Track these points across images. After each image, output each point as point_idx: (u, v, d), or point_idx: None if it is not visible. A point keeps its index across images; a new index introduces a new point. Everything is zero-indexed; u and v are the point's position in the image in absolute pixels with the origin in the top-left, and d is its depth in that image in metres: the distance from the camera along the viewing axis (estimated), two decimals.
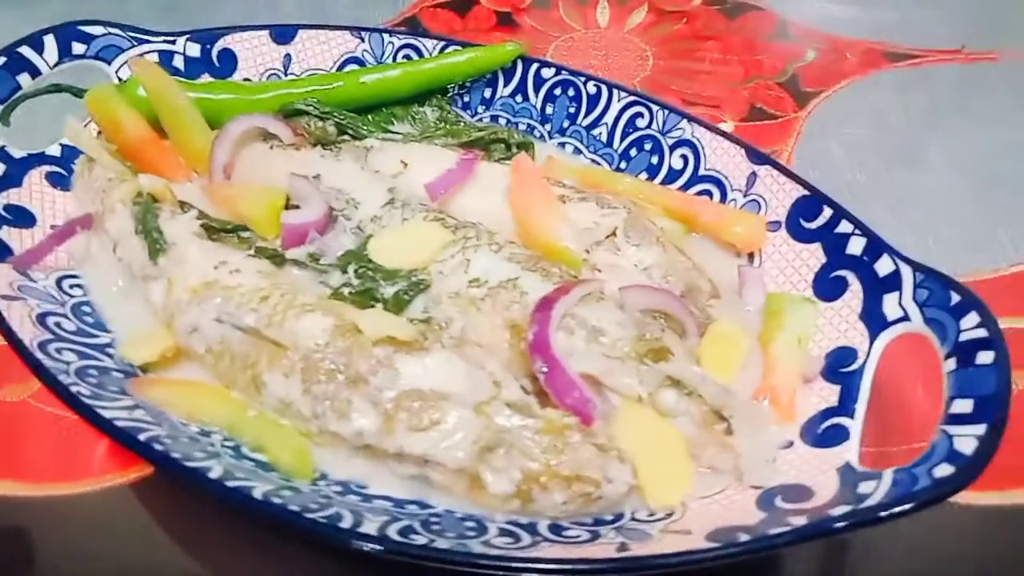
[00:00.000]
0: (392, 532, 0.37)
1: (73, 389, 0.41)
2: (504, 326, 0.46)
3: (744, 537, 0.36)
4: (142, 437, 0.39)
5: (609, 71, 0.79)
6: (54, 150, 0.56)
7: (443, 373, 0.42)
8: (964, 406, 0.39)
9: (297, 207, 0.52)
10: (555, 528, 0.40)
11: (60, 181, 0.56)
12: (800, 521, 0.36)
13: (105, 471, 0.48)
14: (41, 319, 0.46)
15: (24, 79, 0.56)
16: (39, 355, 0.42)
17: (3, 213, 0.51)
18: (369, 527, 0.37)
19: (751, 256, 0.54)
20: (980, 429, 0.37)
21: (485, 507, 0.41)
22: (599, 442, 0.41)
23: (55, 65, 0.58)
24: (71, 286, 0.51)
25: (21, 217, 0.52)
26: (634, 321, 0.46)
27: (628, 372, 0.43)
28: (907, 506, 0.34)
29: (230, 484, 0.38)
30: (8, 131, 0.55)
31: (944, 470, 0.36)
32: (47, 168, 0.55)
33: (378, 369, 0.41)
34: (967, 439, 0.37)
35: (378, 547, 0.36)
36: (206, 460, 0.39)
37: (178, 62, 0.62)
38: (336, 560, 0.43)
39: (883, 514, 0.35)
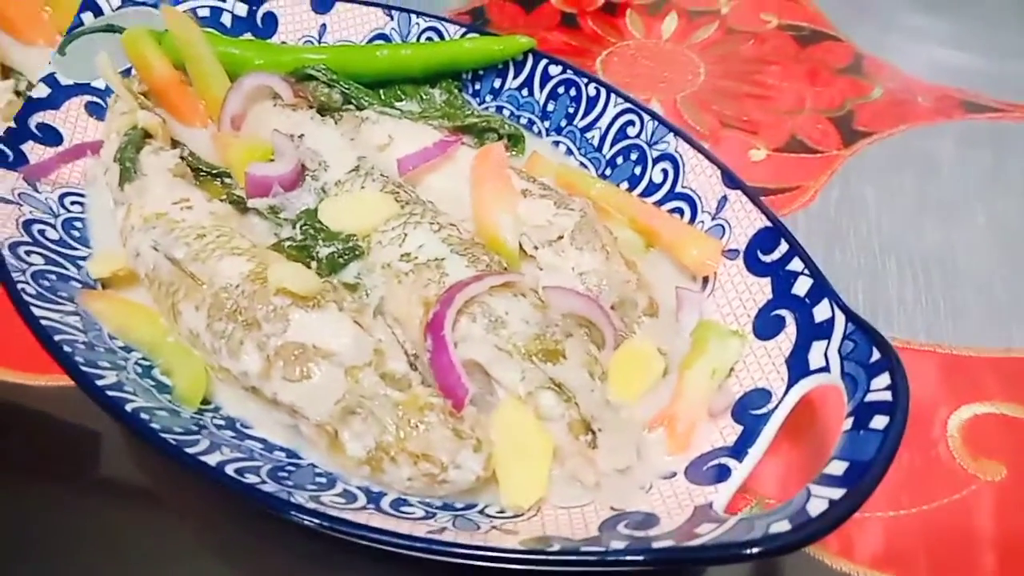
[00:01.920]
0: (229, 468, 0.38)
1: (19, 286, 0.45)
2: (419, 302, 0.46)
3: (553, 548, 0.35)
4: (57, 338, 0.43)
5: (654, 83, 0.77)
6: (100, 83, 0.61)
7: (329, 332, 0.43)
8: (838, 468, 0.36)
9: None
10: (397, 502, 0.40)
11: (98, 111, 0.61)
12: (615, 546, 0.35)
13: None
14: (26, 224, 0.51)
15: (87, 17, 0.62)
16: (4, 251, 0.47)
17: (33, 129, 0.57)
18: (211, 458, 0.38)
19: (705, 281, 0.51)
20: (837, 493, 0.34)
21: (342, 468, 0.42)
22: (458, 427, 0.41)
23: (117, 8, 0.64)
24: (72, 203, 0.55)
25: (49, 136, 0.58)
26: (544, 321, 0.45)
27: (512, 366, 0.43)
28: (709, 553, 0.32)
29: (110, 393, 0.41)
30: (67, 62, 0.60)
31: (780, 526, 0.33)
32: (88, 98, 0.61)
33: (271, 316, 0.43)
34: (820, 501, 0.34)
35: (208, 475, 0.37)
36: (107, 370, 0.43)
37: (226, 19, 0.67)
38: None
39: (681, 557, 0.33)
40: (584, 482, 0.41)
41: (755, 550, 0.32)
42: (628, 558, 0.33)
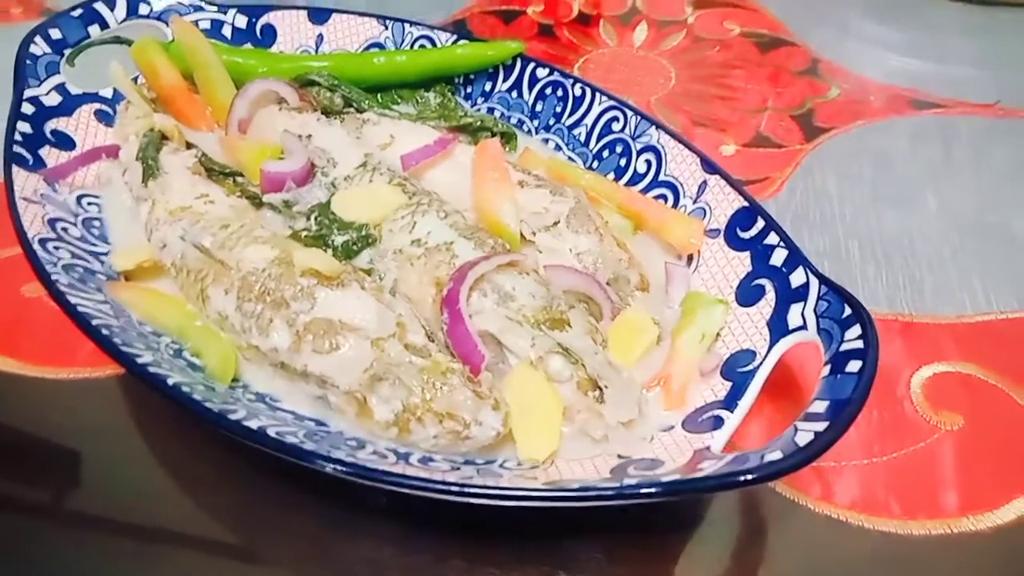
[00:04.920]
0: (270, 431, 0.41)
1: (53, 277, 0.47)
2: (431, 282, 0.50)
3: (573, 486, 0.39)
4: (94, 323, 0.45)
5: (627, 86, 0.83)
6: (107, 92, 0.64)
7: (354, 308, 0.46)
8: (820, 407, 0.40)
9: None
10: (424, 459, 0.44)
11: (106, 118, 0.64)
12: (628, 483, 0.39)
13: (90, 363, 0.54)
14: (51, 222, 0.53)
15: (94, 30, 0.65)
16: (35, 246, 0.49)
17: (48, 135, 0.59)
18: (252, 424, 0.42)
19: (689, 258, 0.56)
20: (820, 426, 0.39)
21: (370, 432, 0.45)
22: (478, 389, 0.44)
23: (122, 21, 0.66)
24: (89, 203, 0.58)
25: (63, 141, 0.60)
26: (548, 295, 0.49)
27: (523, 334, 0.47)
28: (712, 482, 0.37)
29: (151, 370, 0.43)
30: (76, 72, 0.63)
31: (773, 455, 0.38)
32: (97, 106, 0.63)
33: (299, 296, 0.46)
34: (807, 433, 0.39)
35: (251, 438, 0.41)
36: (143, 351, 0.45)
37: (226, 31, 0.70)
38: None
39: (688, 487, 0.37)
40: (593, 436, 0.45)
41: (752, 476, 0.37)
42: (642, 491, 0.37)
